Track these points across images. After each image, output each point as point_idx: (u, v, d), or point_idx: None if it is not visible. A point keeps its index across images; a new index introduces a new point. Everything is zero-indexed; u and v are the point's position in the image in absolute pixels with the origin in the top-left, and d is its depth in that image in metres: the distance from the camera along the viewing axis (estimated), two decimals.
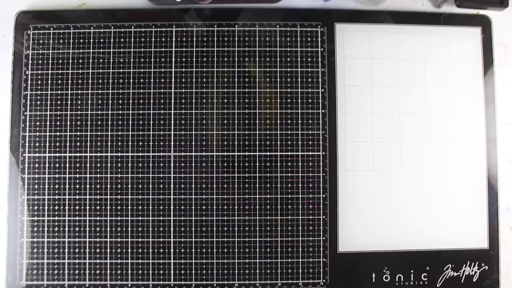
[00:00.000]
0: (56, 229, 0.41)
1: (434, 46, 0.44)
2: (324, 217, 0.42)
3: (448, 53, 0.44)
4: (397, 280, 0.41)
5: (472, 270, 0.42)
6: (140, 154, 0.42)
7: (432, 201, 0.42)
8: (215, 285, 0.41)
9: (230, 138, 0.42)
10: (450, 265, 0.42)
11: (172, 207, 0.42)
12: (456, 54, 0.44)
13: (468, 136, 0.43)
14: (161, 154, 0.42)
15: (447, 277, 0.42)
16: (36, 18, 0.43)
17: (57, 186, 0.41)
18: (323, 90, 0.43)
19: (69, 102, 0.42)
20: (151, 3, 0.43)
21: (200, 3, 0.42)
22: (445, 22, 0.44)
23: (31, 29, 0.43)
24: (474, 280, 0.42)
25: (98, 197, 0.41)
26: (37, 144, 0.42)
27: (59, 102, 0.42)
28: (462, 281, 0.42)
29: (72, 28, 0.43)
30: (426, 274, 0.42)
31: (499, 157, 0.43)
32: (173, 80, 0.43)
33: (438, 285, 0.42)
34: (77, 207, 0.41)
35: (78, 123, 0.42)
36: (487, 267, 0.42)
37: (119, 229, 0.41)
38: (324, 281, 0.42)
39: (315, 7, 0.44)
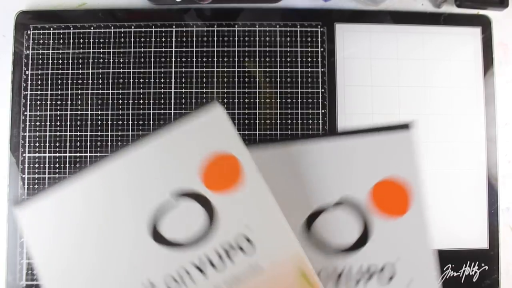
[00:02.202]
0: None
1: (434, 46, 0.44)
2: None
3: (448, 53, 0.44)
4: None
5: (472, 270, 0.42)
6: None
7: (432, 201, 0.42)
8: None
9: None
10: (450, 265, 0.42)
11: None
12: (456, 54, 0.44)
13: (468, 136, 0.43)
14: None
15: (447, 277, 0.42)
16: (36, 18, 0.43)
17: None
18: (323, 90, 0.43)
19: (69, 102, 0.42)
20: (151, 3, 0.43)
21: (200, 3, 0.42)
22: (445, 22, 0.44)
23: (31, 29, 0.43)
24: (474, 280, 0.42)
25: None
26: (37, 144, 0.42)
27: (59, 102, 0.42)
28: (462, 281, 0.42)
29: (72, 28, 0.43)
30: None
31: (499, 157, 0.43)
32: (173, 80, 0.43)
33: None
34: None
35: (78, 123, 0.42)
36: (487, 267, 0.42)
37: None
38: None
39: (315, 7, 0.44)
